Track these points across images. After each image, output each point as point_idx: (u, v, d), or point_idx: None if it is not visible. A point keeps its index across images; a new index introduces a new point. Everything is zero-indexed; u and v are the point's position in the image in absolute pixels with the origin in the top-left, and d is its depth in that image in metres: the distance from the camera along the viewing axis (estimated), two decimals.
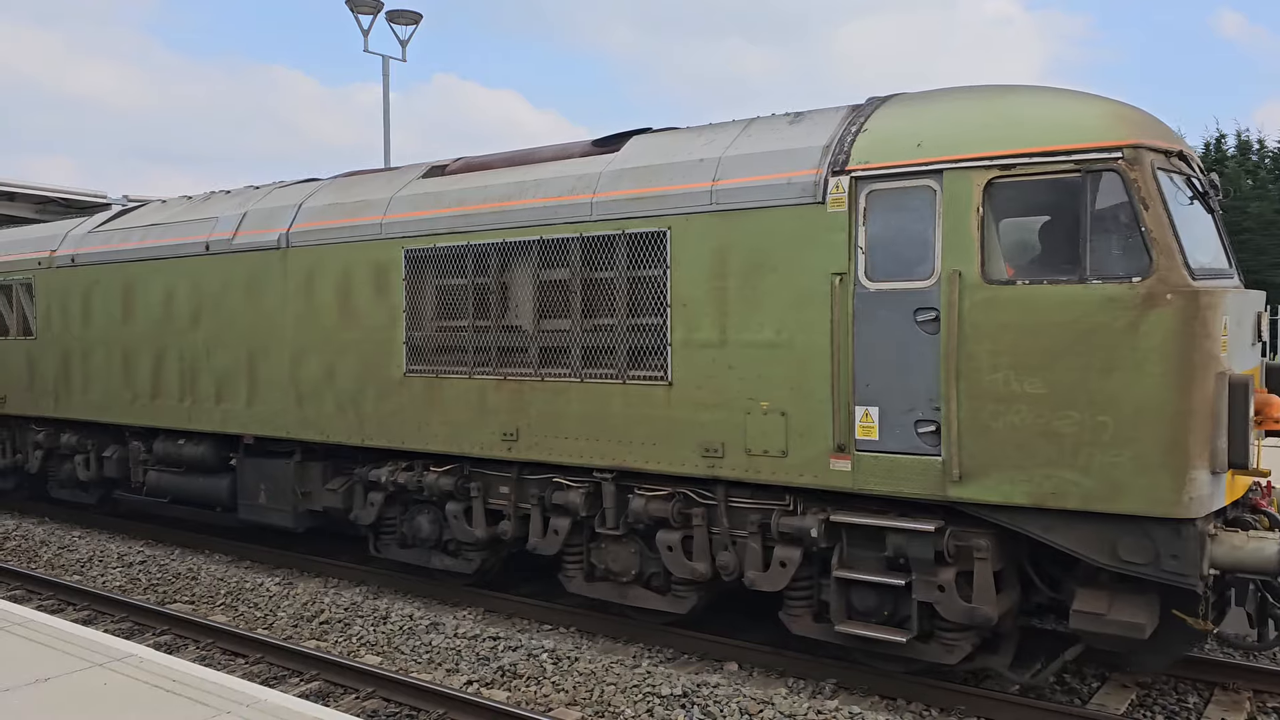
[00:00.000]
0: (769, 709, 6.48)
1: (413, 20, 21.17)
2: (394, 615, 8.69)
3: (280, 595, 9.62)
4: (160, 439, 11.44)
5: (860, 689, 6.98)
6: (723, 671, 7.44)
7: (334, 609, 9.01)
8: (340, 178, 10.44)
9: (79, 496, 13.00)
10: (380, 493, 9.32)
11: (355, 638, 8.37)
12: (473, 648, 7.85)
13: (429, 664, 7.69)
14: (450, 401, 8.55)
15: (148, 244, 11.34)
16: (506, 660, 7.51)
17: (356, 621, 8.66)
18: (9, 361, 13.28)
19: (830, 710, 6.42)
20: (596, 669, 7.24)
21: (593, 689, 6.97)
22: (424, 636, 8.18)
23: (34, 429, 13.19)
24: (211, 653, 8.22)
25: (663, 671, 7.16)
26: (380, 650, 8.06)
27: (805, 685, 7.09)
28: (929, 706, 6.70)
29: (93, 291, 11.98)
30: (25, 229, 13.95)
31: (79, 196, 20.72)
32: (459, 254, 8.45)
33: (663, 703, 6.67)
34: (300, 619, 8.91)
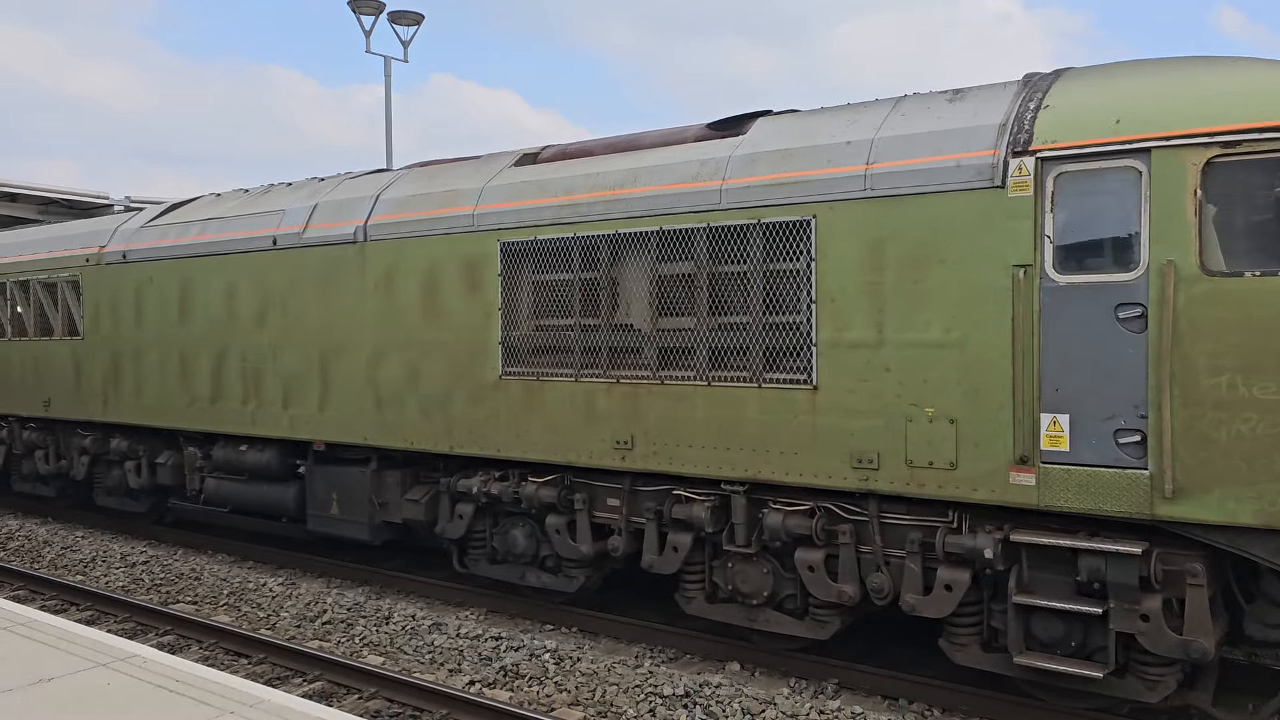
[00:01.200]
0: (771, 709, 6.48)
1: (414, 21, 21.07)
2: (397, 615, 8.69)
3: (283, 595, 9.62)
4: (220, 445, 10.81)
5: (862, 689, 6.93)
6: (725, 672, 7.39)
7: (337, 609, 9.01)
8: (415, 167, 9.80)
9: (128, 505, 12.38)
10: (470, 504, 8.68)
11: (358, 638, 8.35)
12: (475, 648, 7.85)
13: (432, 664, 7.68)
14: (552, 406, 7.91)
15: (207, 239, 10.71)
16: (509, 660, 7.50)
17: (359, 622, 8.67)
18: (54, 363, 12.66)
19: (832, 710, 6.44)
20: (599, 669, 7.25)
21: (595, 689, 6.96)
22: (427, 637, 8.17)
23: (80, 434, 12.57)
24: (215, 653, 8.17)
25: (665, 671, 7.17)
26: (383, 650, 8.03)
27: (807, 685, 7.03)
28: (931, 706, 6.64)
29: (146, 289, 11.35)
30: (70, 224, 13.34)
31: (81, 198, 20.39)
32: (564, 246, 7.80)
33: (665, 703, 6.65)
34: (303, 619, 8.90)
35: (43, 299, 12.77)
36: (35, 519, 14.06)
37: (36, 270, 12.88)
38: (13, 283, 13.24)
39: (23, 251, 13.27)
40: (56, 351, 12.63)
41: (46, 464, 13.19)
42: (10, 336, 13.35)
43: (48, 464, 13.18)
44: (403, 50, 21.30)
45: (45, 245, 12.99)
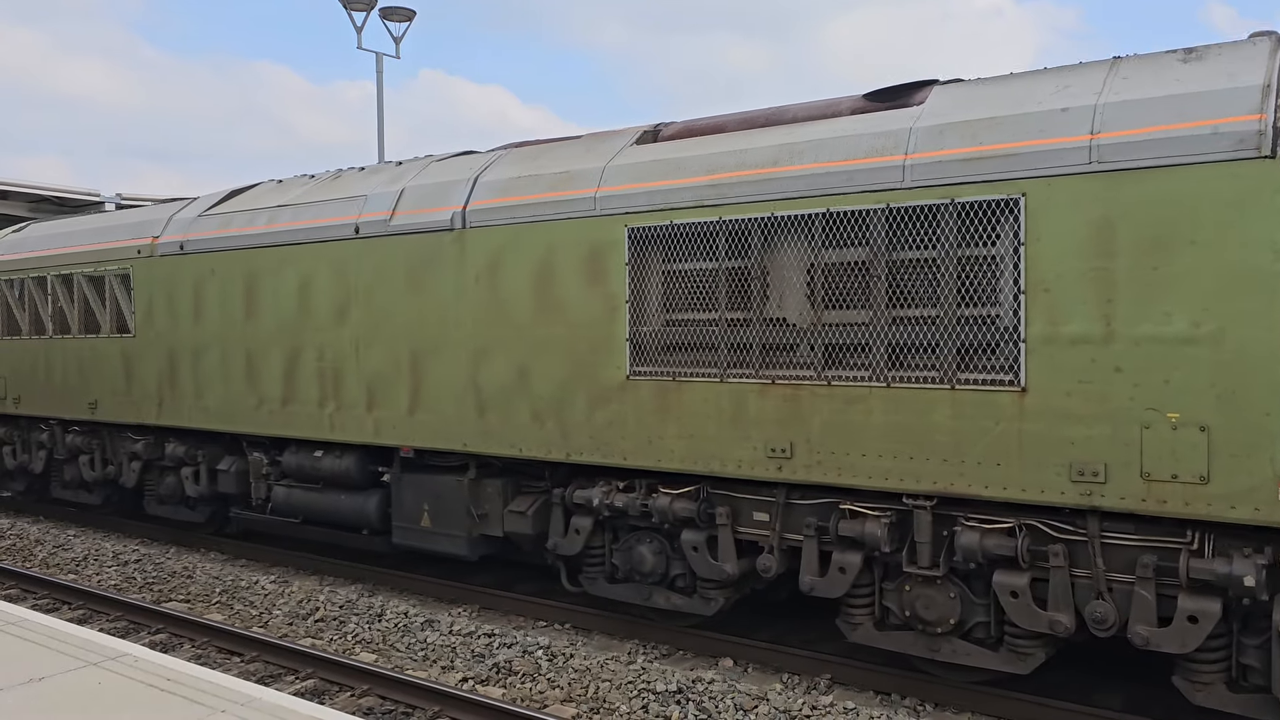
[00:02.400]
0: (764, 704, 6.51)
1: (406, 17, 20.99)
2: (389, 613, 8.71)
3: (276, 593, 9.61)
4: (291, 450, 10.00)
5: (855, 684, 6.94)
6: (718, 667, 7.38)
7: (329, 607, 9.00)
8: (509, 149, 8.98)
9: (183, 514, 11.56)
10: (588, 518, 7.87)
11: (351, 635, 8.35)
12: (468, 645, 7.87)
13: (424, 661, 7.69)
14: (691, 410, 7.10)
15: (278, 228, 9.88)
16: (502, 657, 7.52)
17: (352, 619, 8.67)
18: (101, 363, 11.83)
19: (825, 705, 6.46)
20: (592, 665, 7.29)
21: (588, 685, 6.98)
22: (419, 634, 8.18)
23: (131, 438, 11.74)
24: (207, 651, 8.15)
25: (658, 668, 7.20)
26: (376, 648, 8.04)
27: (800, 680, 7.06)
28: (923, 701, 6.65)
29: (206, 282, 10.53)
30: (116, 215, 12.50)
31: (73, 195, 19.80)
32: (706, 232, 6.99)
33: (658, 699, 6.68)
34: (296, 617, 8.87)
35: (88, 294, 11.94)
36: (27, 518, 13.66)
37: (80, 263, 12.05)
38: (54, 277, 12.41)
39: (64, 244, 12.44)
40: (104, 350, 11.80)
41: (92, 470, 12.37)
42: (52, 334, 12.52)
43: (93, 470, 12.36)
44: (394, 46, 21.34)
45: (89, 237, 12.15)
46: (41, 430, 12.99)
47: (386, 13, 20.78)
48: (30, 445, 13.29)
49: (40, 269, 12.64)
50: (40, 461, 13.09)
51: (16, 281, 13.07)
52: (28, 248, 13.03)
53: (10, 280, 13.14)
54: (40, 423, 13.05)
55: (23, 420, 13.39)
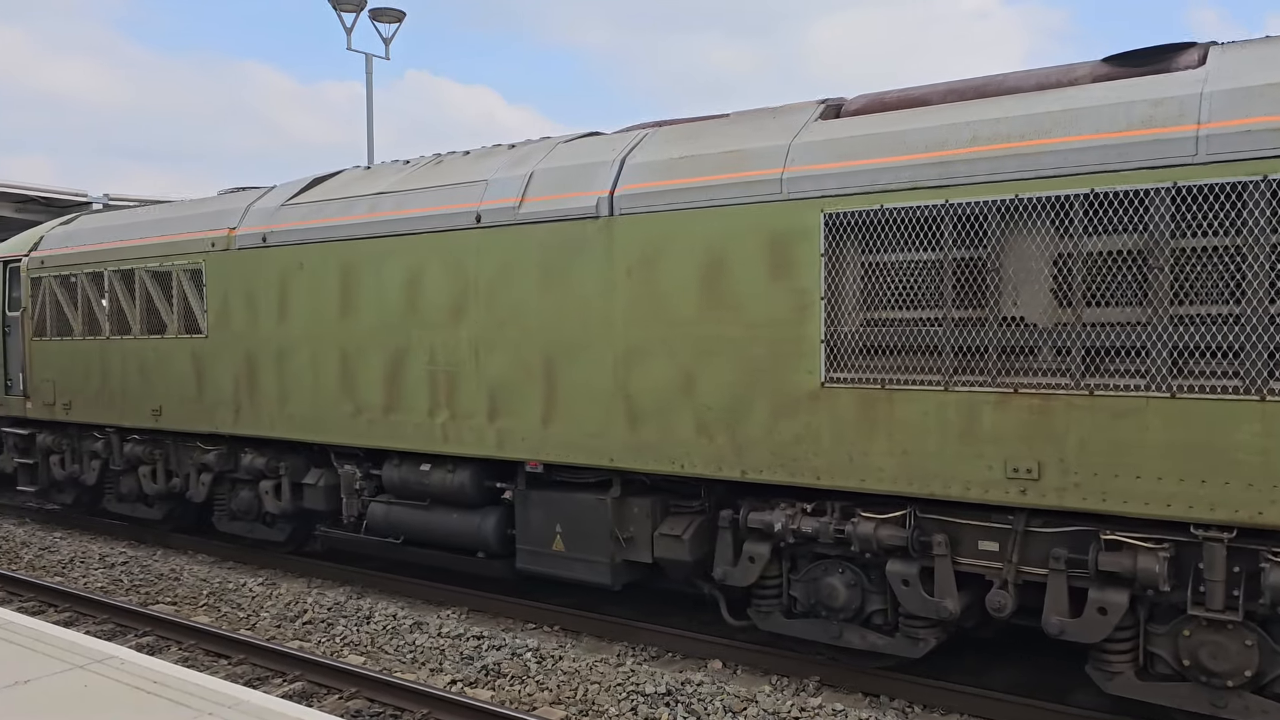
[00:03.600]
0: (753, 706, 6.52)
1: (396, 18, 21.06)
2: (377, 615, 8.68)
3: (263, 596, 9.56)
4: (392, 463, 9.04)
5: (844, 686, 6.94)
6: (706, 669, 7.40)
7: (317, 609, 8.95)
8: (658, 127, 8.04)
9: (260, 532, 10.58)
10: (765, 544, 6.93)
11: (339, 638, 8.32)
12: (457, 647, 7.84)
13: (413, 663, 7.67)
14: (905, 423, 6.16)
15: (380, 217, 8.92)
16: (490, 659, 7.51)
17: (340, 621, 8.63)
18: (167, 366, 10.86)
19: (814, 707, 6.47)
20: (580, 667, 7.29)
21: (576, 688, 6.97)
22: (408, 636, 8.15)
23: (201, 448, 10.76)
24: (194, 654, 8.10)
25: (646, 670, 7.21)
26: (364, 650, 8.00)
27: (789, 682, 7.06)
28: (911, 703, 6.65)
29: (294, 278, 9.56)
30: (184, 205, 11.52)
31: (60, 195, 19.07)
32: (928, 217, 6.05)
33: (646, 701, 6.67)
34: (283, 619, 8.83)
35: (152, 291, 10.96)
36: (11, 519, 13.23)
37: (144, 257, 11.07)
38: (111, 273, 11.43)
39: (122, 237, 11.46)
40: (171, 352, 10.82)
41: (153, 482, 11.38)
42: (109, 335, 11.54)
43: (154, 482, 11.37)
44: (384, 47, 21.37)
45: (153, 229, 11.17)
46: (95, 439, 12.00)
47: (376, 14, 20.81)
48: (81, 455, 12.31)
49: (95, 264, 11.66)
50: (93, 473, 12.10)
51: (68, 278, 12.09)
52: (80, 241, 12.05)
53: (61, 276, 12.15)
54: (94, 430, 12.06)
55: (73, 428, 12.41)
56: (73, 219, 13.03)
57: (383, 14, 20.84)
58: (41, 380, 12.46)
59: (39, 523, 13.23)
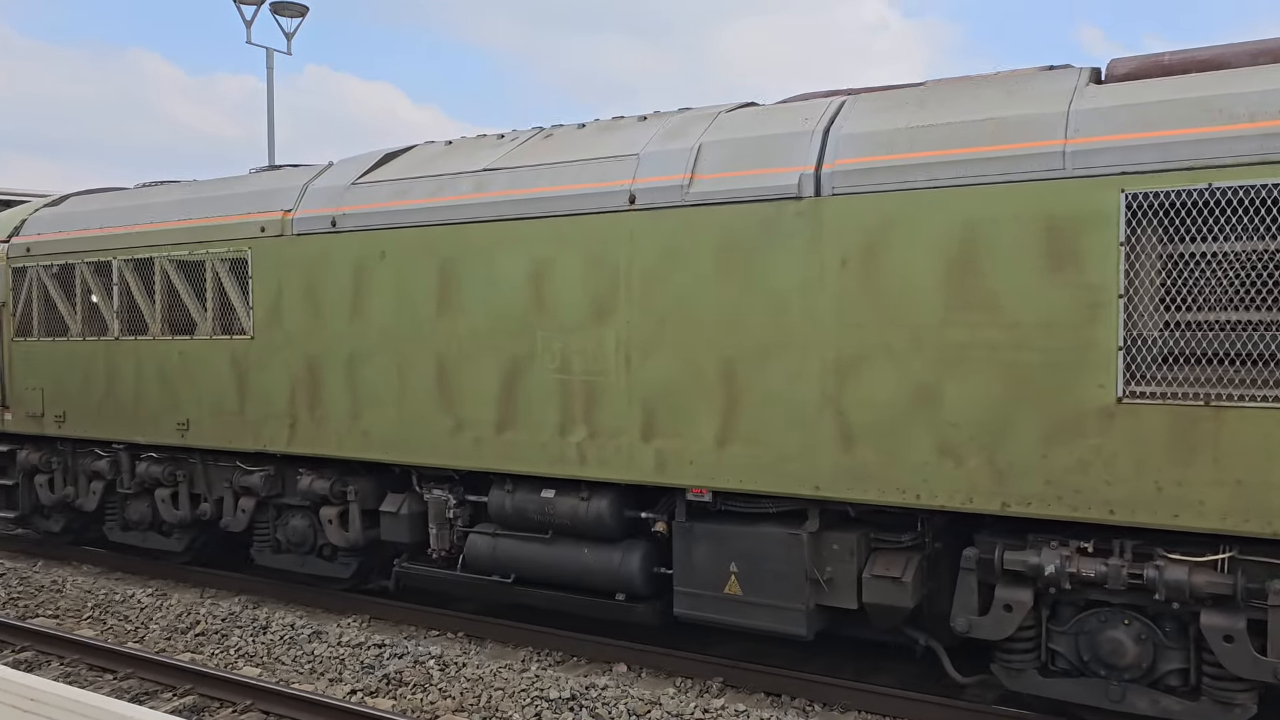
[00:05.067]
0: (657, 709, 6.55)
1: (299, 13, 20.65)
2: (274, 625, 8.47)
3: (153, 607, 9.19)
4: (501, 489, 7.66)
5: (746, 686, 6.98)
6: (611, 673, 7.37)
7: (211, 620, 8.73)
8: (852, 94, 6.85)
9: (317, 567, 9.03)
10: (1027, 590, 5.79)
11: (233, 649, 8.12)
12: (357, 656, 7.72)
13: (311, 674, 7.54)
14: (1239, 446, 5.09)
15: (492, 197, 7.53)
16: (392, 668, 7.41)
17: (234, 632, 8.43)
18: (199, 373, 9.23)
19: (716, 709, 6.52)
20: (484, 674, 7.22)
21: (480, 694, 6.91)
22: (306, 646, 7.99)
23: (242, 469, 9.16)
24: (77, 669, 7.79)
25: (551, 675, 7.16)
26: (260, 661, 7.84)
27: (693, 684, 7.10)
28: (812, 702, 6.73)
29: (372, 268, 8.10)
30: (215, 183, 9.82)
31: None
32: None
33: (551, 706, 6.66)
34: (174, 631, 8.58)
35: (177, 284, 9.33)
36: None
37: (166, 244, 9.42)
38: (123, 262, 9.74)
39: (138, 219, 9.78)
40: (202, 357, 9.20)
41: (175, 508, 9.71)
42: (119, 335, 9.83)
43: (177, 509, 9.71)
44: (286, 42, 20.94)
45: (177, 211, 9.52)
46: (98, 456, 10.25)
47: (278, 7, 20.25)
48: (77, 475, 10.53)
49: (101, 252, 9.94)
50: (94, 497, 10.34)
51: (63, 268, 10.32)
52: (78, 225, 10.30)
53: (53, 267, 10.38)
54: (95, 447, 10.31)
55: (67, 444, 10.62)
56: (61, 200, 11.22)
57: (284, 7, 20.32)
58: (26, 388, 10.65)
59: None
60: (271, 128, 20.89)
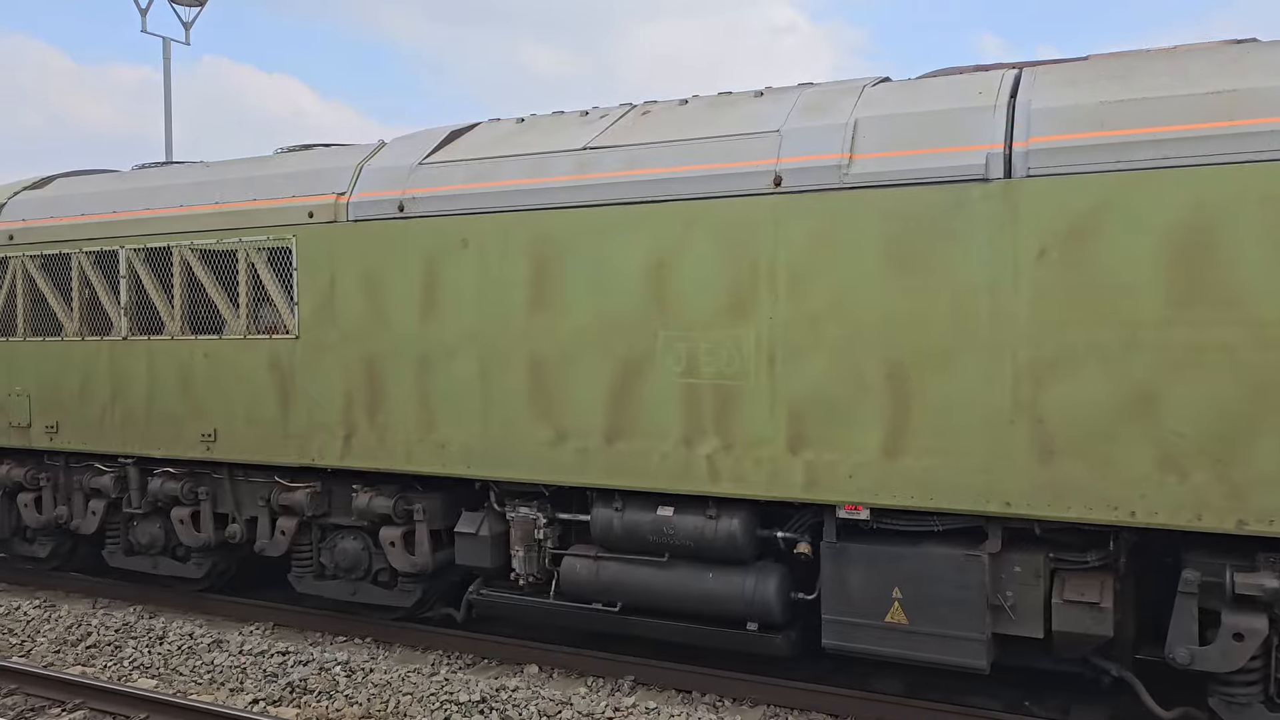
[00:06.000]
0: (568, 709, 6.52)
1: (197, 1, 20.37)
2: (172, 634, 8.20)
3: (40, 619, 8.77)
4: (608, 507, 6.83)
5: (657, 684, 7.02)
6: (523, 675, 7.32)
7: (103, 631, 8.37)
8: (1032, 66, 6.20)
9: (370, 595, 8.02)
10: (1260, 616, 5.20)
11: (128, 661, 7.81)
12: (259, 664, 7.52)
13: (211, 684, 7.31)
14: None
15: (600, 178, 6.69)
16: (296, 676, 7.24)
17: (129, 643, 8.11)
18: (229, 377, 8.15)
19: (627, 707, 6.51)
20: (392, 679, 7.10)
21: (388, 700, 6.81)
22: (205, 655, 7.76)
23: (283, 485, 8.11)
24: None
25: (461, 678, 7.10)
26: (156, 673, 7.57)
27: (604, 683, 7.09)
28: (722, 697, 6.80)
29: (450, 258, 7.18)
30: (243, 163, 8.65)
31: None
32: None
33: (461, 710, 6.58)
34: (64, 644, 8.22)
35: (201, 276, 8.23)
36: None
37: (188, 232, 8.32)
38: (131, 251, 8.59)
39: (150, 204, 8.63)
40: (233, 359, 8.13)
41: (196, 530, 8.59)
42: (127, 335, 8.67)
43: (198, 530, 8.59)
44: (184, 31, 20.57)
45: (200, 194, 8.41)
46: (100, 472, 9.03)
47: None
48: (71, 494, 9.30)
49: (103, 240, 8.76)
50: (93, 518, 9.12)
51: (55, 258, 9.09)
52: (74, 209, 9.08)
53: (43, 256, 9.14)
54: (95, 462, 9.09)
55: (57, 458, 9.38)
56: (44, 182, 9.94)
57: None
58: (9, 395, 9.37)
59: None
60: (169, 121, 20.44)
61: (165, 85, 20.38)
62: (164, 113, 20.44)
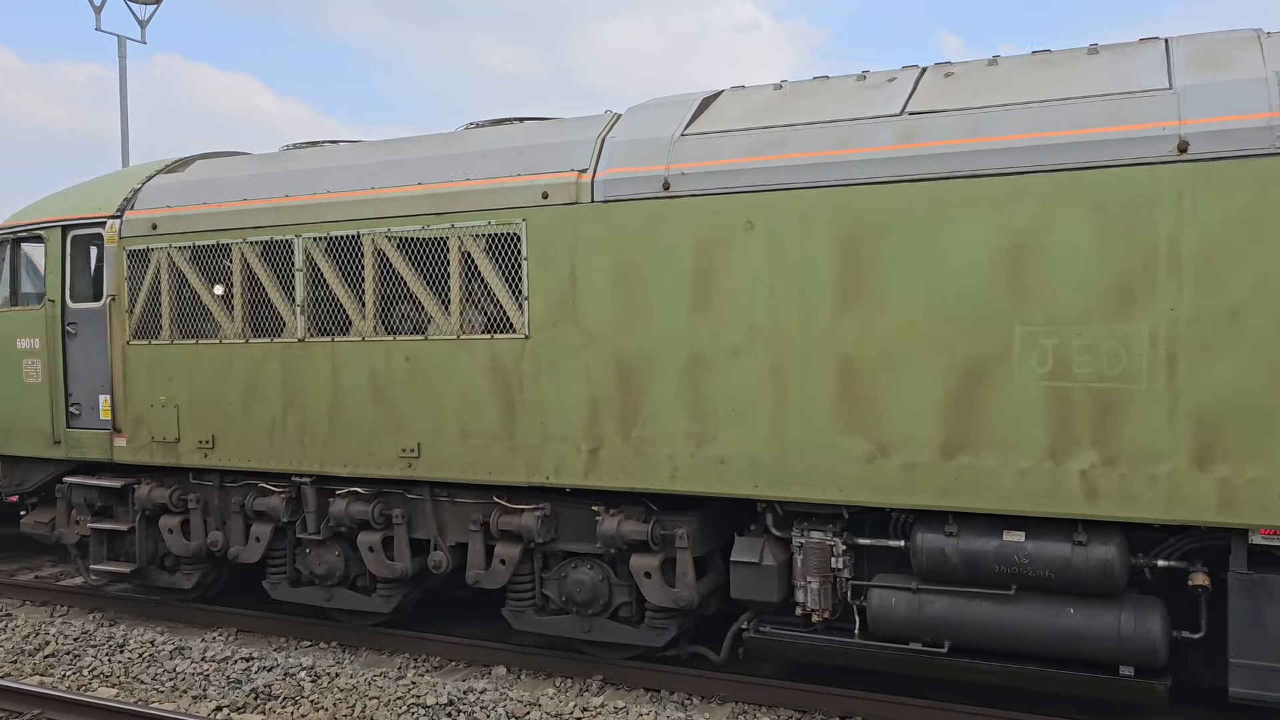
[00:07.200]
0: (536, 710, 6.47)
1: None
2: (132, 642, 8.05)
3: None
4: (936, 531, 5.86)
5: (625, 683, 6.98)
6: (490, 676, 7.28)
7: (62, 639, 8.23)
8: None
9: (611, 633, 6.97)
10: None
11: (87, 669, 7.66)
12: (223, 671, 7.41)
13: (173, 692, 7.20)
14: None
15: (938, 148, 5.71)
16: (261, 682, 7.14)
17: (88, 652, 7.97)
18: (436, 383, 7.10)
19: (596, 706, 6.46)
20: (359, 683, 7.02)
21: (354, 704, 6.70)
22: (167, 663, 7.64)
23: (504, 508, 7.06)
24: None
25: (428, 681, 7.01)
26: (116, 681, 7.43)
27: (572, 684, 7.05)
28: (690, 695, 6.76)
29: (730, 244, 6.17)
30: (444, 139, 7.55)
31: None
32: None
33: (428, 713, 6.51)
34: (21, 653, 8.08)
35: (401, 268, 7.18)
36: None
37: (383, 217, 7.26)
38: (310, 240, 7.52)
39: (331, 185, 7.56)
40: (443, 363, 7.08)
41: (389, 559, 7.52)
42: (304, 337, 7.60)
43: (392, 559, 7.52)
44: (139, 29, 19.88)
45: (394, 174, 7.34)
46: (267, 493, 7.94)
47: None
48: (228, 516, 8.19)
49: (274, 228, 7.68)
50: (257, 545, 8.03)
51: (207, 249, 7.99)
52: (232, 194, 7.98)
53: (193, 248, 8.04)
54: (263, 480, 8.00)
55: (209, 477, 8.27)
56: (182, 164, 8.82)
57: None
58: (152, 405, 8.25)
59: None
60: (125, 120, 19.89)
61: (121, 84, 19.92)
62: (120, 112, 20.00)
